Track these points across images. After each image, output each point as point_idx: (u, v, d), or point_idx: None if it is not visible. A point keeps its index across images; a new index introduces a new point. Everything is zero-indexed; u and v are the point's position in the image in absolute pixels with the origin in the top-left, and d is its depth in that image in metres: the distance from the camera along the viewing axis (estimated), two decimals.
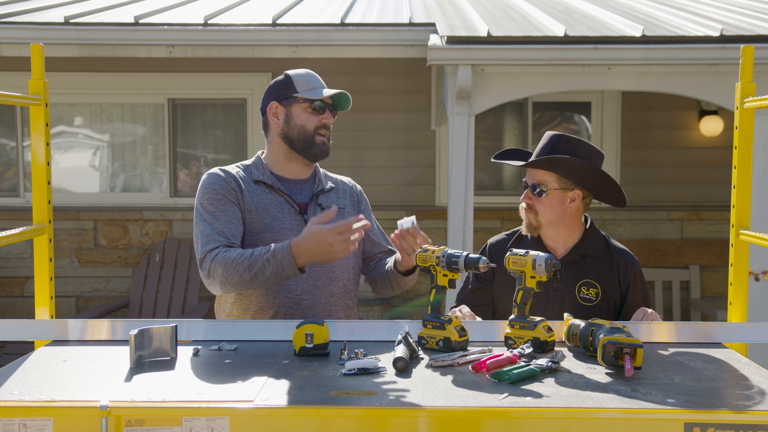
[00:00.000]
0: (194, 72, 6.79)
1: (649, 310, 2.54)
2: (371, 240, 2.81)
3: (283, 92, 2.63)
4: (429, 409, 1.73)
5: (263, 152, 2.73)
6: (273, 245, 2.40)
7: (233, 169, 2.67)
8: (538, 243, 2.70)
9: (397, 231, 2.46)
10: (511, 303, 2.29)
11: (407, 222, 2.44)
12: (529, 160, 2.68)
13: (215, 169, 2.65)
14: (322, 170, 2.78)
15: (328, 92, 2.62)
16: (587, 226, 2.74)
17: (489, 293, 2.75)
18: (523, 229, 2.74)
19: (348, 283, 2.70)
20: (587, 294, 2.63)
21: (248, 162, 2.72)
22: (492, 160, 2.85)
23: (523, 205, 2.69)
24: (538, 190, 2.65)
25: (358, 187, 2.87)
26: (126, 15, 5.98)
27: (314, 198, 2.67)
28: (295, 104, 2.61)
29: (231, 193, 2.58)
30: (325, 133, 2.63)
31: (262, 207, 2.60)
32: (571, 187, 2.65)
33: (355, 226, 2.31)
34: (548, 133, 2.72)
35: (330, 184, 2.75)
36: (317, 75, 2.69)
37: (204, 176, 2.65)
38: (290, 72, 2.67)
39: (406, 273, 2.62)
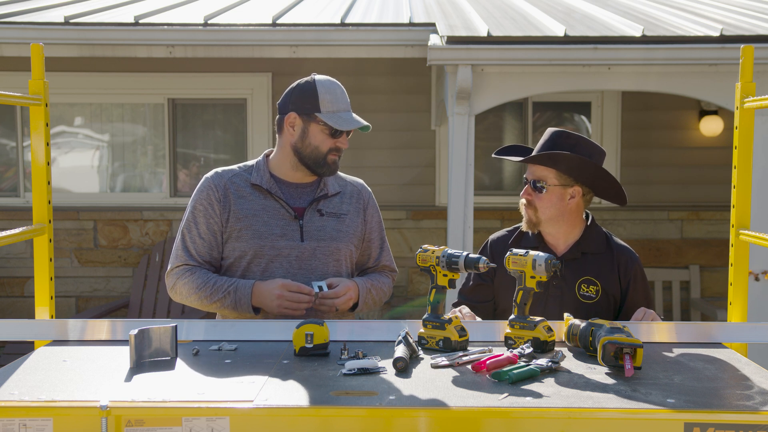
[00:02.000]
0: (194, 72, 6.78)
1: (649, 310, 2.53)
2: (368, 253, 2.77)
3: (305, 105, 2.54)
4: (429, 409, 1.73)
5: (272, 152, 2.69)
6: (238, 281, 2.51)
7: (231, 172, 2.65)
8: (538, 240, 2.70)
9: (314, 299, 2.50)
10: (512, 299, 2.29)
11: (316, 286, 2.51)
12: (529, 156, 2.67)
13: (211, 174, 2.65)
14: None
15: (351, 124, 2.54)
16: (588, 223, 2.73)
17: (490, 290, 2.75)
18: (523, 225, 2.73)
19: None
20: (587, 291, 2.63)
21: (251, 163, 2.70)
22: (493, 156, 2.85)
23: (523, 201, 2.69)
24: (537, 186, 2.64)
25: (368, 191, 2.79)
26: (126, 15, 5.98)
27: (313, 203, 2.62)
28: (314, 123, 2.54)
29: (214, 204, 2.59)
30: (337, 154, 2.58)
31: (252, 213, 2.58)
32: (571, 184, 2.64)
33: (308, 297, 2.45)
34: (549, 129, 2.72)
35: (336, 189, 2.68)
36: (342, 88, 2.59)
37: (202, 178, 2.67)
38: (317, 80, 2.56)
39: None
